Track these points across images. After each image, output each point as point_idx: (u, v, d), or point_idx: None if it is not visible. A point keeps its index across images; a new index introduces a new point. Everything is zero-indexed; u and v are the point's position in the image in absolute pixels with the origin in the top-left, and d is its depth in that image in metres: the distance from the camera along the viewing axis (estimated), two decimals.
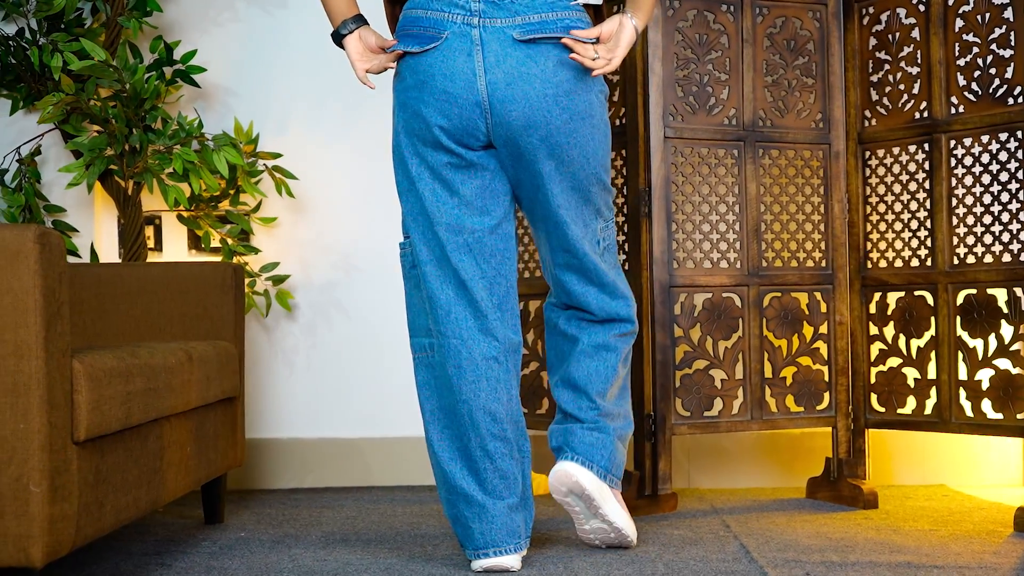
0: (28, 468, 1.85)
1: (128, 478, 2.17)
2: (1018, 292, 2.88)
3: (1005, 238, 2.92)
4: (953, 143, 3.02)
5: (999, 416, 2.91)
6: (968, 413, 2.98)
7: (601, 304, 2.57)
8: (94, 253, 3.47)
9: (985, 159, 2.97)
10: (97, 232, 3.58)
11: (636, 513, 2.99)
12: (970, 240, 2.99)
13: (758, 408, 3.13)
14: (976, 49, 2.97)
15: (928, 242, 3.07)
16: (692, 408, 3.07)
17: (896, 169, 3.15)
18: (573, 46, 2.35)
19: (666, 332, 3.04)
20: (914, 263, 3.10)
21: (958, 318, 3.00)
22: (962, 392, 2.99)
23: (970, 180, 3.00)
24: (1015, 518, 2.78)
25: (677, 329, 3.07)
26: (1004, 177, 2.93)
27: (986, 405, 2.94)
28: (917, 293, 3.09)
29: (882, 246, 3.18)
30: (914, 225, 3.11)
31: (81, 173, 3.31)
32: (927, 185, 3.07)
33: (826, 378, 3.21)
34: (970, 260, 2.99)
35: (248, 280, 3.52)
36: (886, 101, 3.16)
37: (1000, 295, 2.92)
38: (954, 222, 3.02)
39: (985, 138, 2.96)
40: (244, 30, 3.69)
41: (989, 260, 2.95)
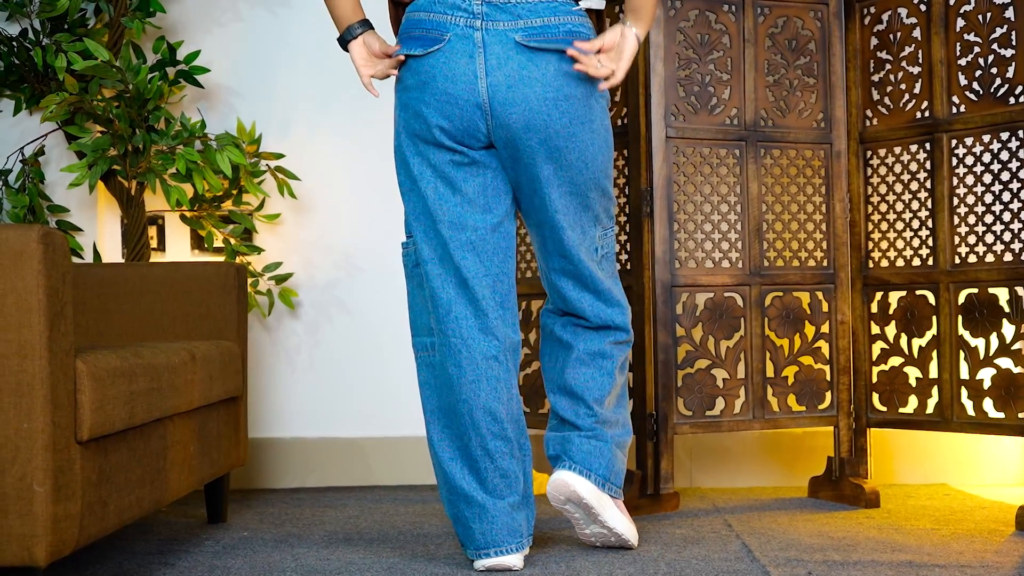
0: (32, 467, 1.85)
1: (131, 477, 2.17)
2: (1019, 291, 2.88)
3: (1006, 237, 2.92)
4: (954, 142, 3.02)
5: (1001, 415, 2.91)
6: (970, 412, 2.98)
7: (596, 311, 2.56)
8: (97, 253, 3.47)
9: (986, 158, 2.97)
10: (100, 232, 3.58)
11: (638, 512, 2.99)
12: (971, 239, 2.99)
13: (760, 407, 3.13)
14: (977, 49, 2.97)
15: (929, 241, 3.07)
16: (694, 407, 3.07)
17: (897, 168, 3.15)
18: (578, 57, 2.34)
19: (668, 332, 3.04)
20: (915, 262, 3.11)
21: (959, 317, 3.01)
22: (964, 391, 2.99)
23: (971, 179, 3.00)
24: (1017, 517, 2.78)
25: (679, 329, 3.07)
26: (1005, 176, 2.93)
27: (988, 404, 2.94)
28: (919, 292, 3.09)
29: (883, 245, 3.18)
30: (915, 224, 3.11)
31: (83, 173, 3.32)
32: (928, 184, 3.08)
33: (828, 377, 3.21)
34: (971, 259, 2.99)
35: (251, 280, 3.52)
36: (887, 101, 3.16)
37: (1001, 294, 2.92)
38: (955, 221, 3.02)
39: (986, 137, 2.96)
40: (247, 30, 3.69)
41: (990, 259, 2.95)
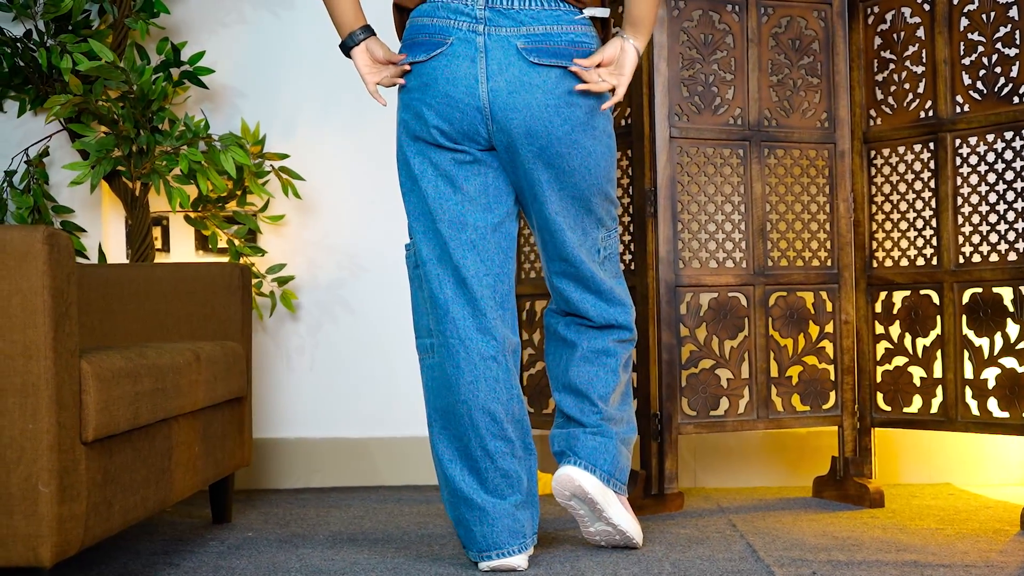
0: (37, 468, 1.85)
1: (136, 478, 2.18)
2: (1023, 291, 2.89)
3: (1011, 237, 2.92)
4: (958, 142, 3.02)
5: (1005, 415, 2.91)
6: (974, 412, 2.98)
7: (599, 311, 2.57)
8: (102, 254, 3.48)
9: (990, 158, 2.96)
10: (105, 233, 3.59)
11: (642, 512, 2.99)
12: (975, 239, 2.99)
13: (764, 407, 3.13)
14: (981, 48, 2.97)
15: (933, 241, 3.07)
16: (698, 407, 3.07)
17: (901, 168, 3.15)
18: (582, 75, 2.35)
19: (672, 332, 3.04)
20: (919, 262, 3.10)
21: (964, 317, 3.00)
22: (968, 391, 2.99)
23: (975, 179, 3.00)
24: (1021, 517, 2.78)
25: (683, 329, 3.07)
26: (1009, 176, 2.93)
27: (992, 404, 2.94)
28: (923, 292, 3.09)
29: (887, 245, 3.18)
30: (919, 224, 3.11)
31: (85, 172, 3.32)
32: (932, 184, 3.07)
33: (832, 377, 3.21)
34: (976, 259, 2.99)
35: (255, 281, 3.52)
36: (891, 100, 3.16)
37: (1006, 294, 2.92)
38: (959, 221, 3.02)
39: (990, 137, 2.96)
40: (251, 31, 3.69)
41: (995, 259, 2.95)
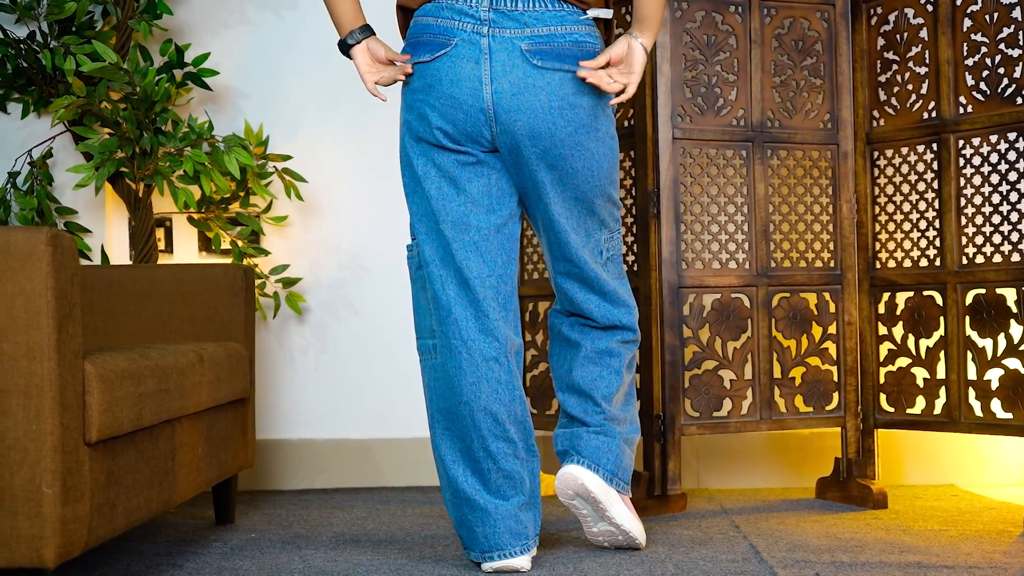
0: (41, 469, 1.85)
1: (140, 479, 2.18)
2: None
3: (1014, 238, 2.92)
4: (961, 143, 3.02)
5: (1008, 416, 2.91)
6: (977, 413, 2.98)
7: (603, 312, 2.57)
8: (105, 255, 3.48)
9: (994, 159, 2.96)
10: (108, 234, 3.59)
11: (645, 513, 2.99)
12: (979, 240, 2.99)
13: (767, 408, 3.14)
14: (984, 49, 2.97)
15: (937, 242, 3.07)
16: (701, 408, 3.07)
17: (904, 169, 3.15)
18: (589, 76, 2.35)
19: (675, 333, 3.04)
20: (923, 263, 3.10)
21: (967, 318, 3.00)
22: (971, 392, 2.99)
23: (979, 180, 3.00)
24: None
25: (686, 330, 3.08)
26: (1013, 177, 2.93)
27: (995, 405, 2.94)
28: (926, 293, 3.09)
29: (891, 246, 3.18)
30: (923, 225, 3.11)
31: (90, 174, 3.32)
32: (936, 185, 3.07)
33: (835, 378, 3.21)
34: (979, 260, 2.99)
35: (258, 282, 3.53)
36: (894, 101, 3.16)
37: (1009, 295, 2.92)
38: (963, 222, 3.02)
39: (994, 138, 2.96)
40: (254, 32, 3.70)
41: (998, 260, 2.95)
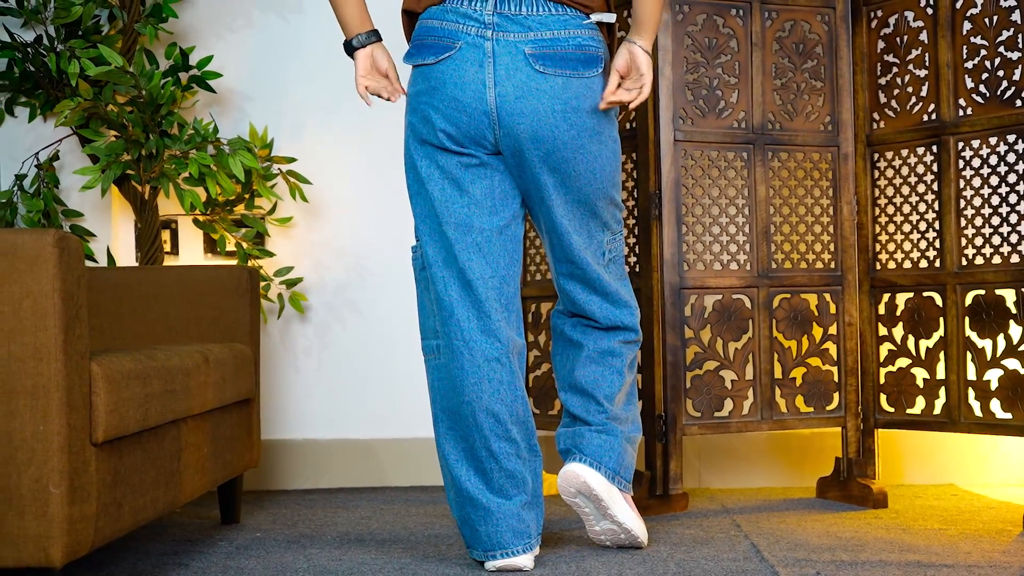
0: (48, 469, 1.86)
1: (146, 479, 2.19)
2: None
3: (1013, 239, 2.93)
4: (961, 145, 3.03)
5: (1008, 416, 2.92)
6: (977, 413, 2.98)
7: (605, 312, 2.59)
8: (111, 257, 3.49)
9: (993, 161, 2.97)
10: (114, 236, 3.60)
11: (647, 513, 3.01)
12: (978, 241, 3.00)
13: (768, 408, 3.15)
14: (984, 52, 2.98)
15: (936, 243, 3.08)
16: (703, 409, 3.09)
17: (904, 171, 3.16)
18: (609, 99, 2.41)
19: (677, 333, 3.06)
20: (923, 264, 3.11)
21: (967, 319, 3.01)
22: (971, 392, 3.00)
23: (978, 182, 3.01)
24: None
25: (688, 330, 3.09)
26: (1012, 179, 2.94)
27: (995, 405, 2.95)
28: (926, 294, 3.10)
29: (891, 247, 3.19)
30: (922, 227, 3.12)
31: (96, 177, 3.34)
32: (935, 187, 3.08)
33: (836, 378, 3.22)
34: (978, 261, 3.00)
35: (263, 284, 3.54)
36: (894, 104, 3.17)
37: (1009, 296, 2.93)
38: (962, 223, 3.03)
39: (993, 140, 2.97)
40: (259, 36, 3.71)
41: (997, 261, 2.96)
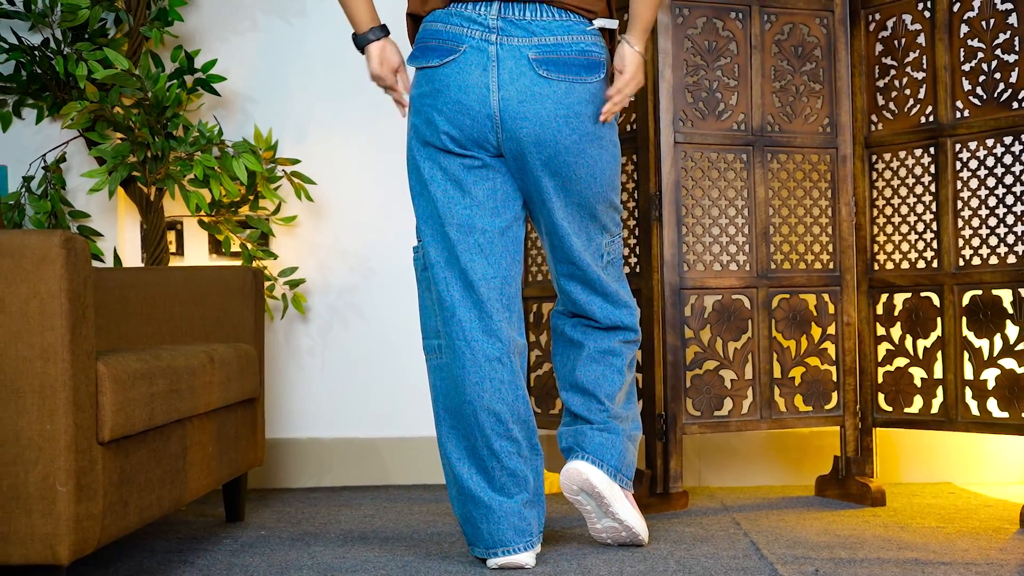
0: (54, 468, 1.87)
1: (152, 478, 2.19)
2: (1023, 293, 2.90)
3: (1010, 240, 2.95)
4: (958, 147, 3.04)
5: (1005, 415, 2.93)
6: (974, 412, 3.00)
7: (605, 312, 2.61)
8: (117, 258, 3.50)
9: (990, 162, 2.99)
10: (120, 237, 3.62)
11: (648, 511, 3.02)
12: (975, 242, 3.01)
13: (767, 408, 3.16)
14: (981, 54, 2.99)
15: (934, 244, 3.09)
16: (703, 408, 3.10)
17: (902, 172, 3.17)
18: (611, 108, 2.45)
19: (677, 333, 3.07)
20: (920, 265, 3.13)
21: (964, 319, 3.03)
22: (968, 391, 3.01)
23: (975, 183, 3.02)
24: (1021, 515, 2.80)
25: (687, 330, 3.10)
26: (1009, 180, 2.95)
27: (992, 404, 2.96)
28: (923, 294, 3.11)
29: (889, 248, 3.20)
30: (920, 227, 3.13)
31: (103, 179, 3.35)
32: (933, 188, 3.10)
33: (834, 378, 3.23)
34: (975, 262, 3.01)
35: (267, 284, 3.55)
36: (892, 106, 3.18)
37: (1005, 296, 2.94)
38: (959, 224, 3.04)
39: (990, 142, 2.98)
40: (263, 39, 3.72)
41: (994, 262, 2.97)
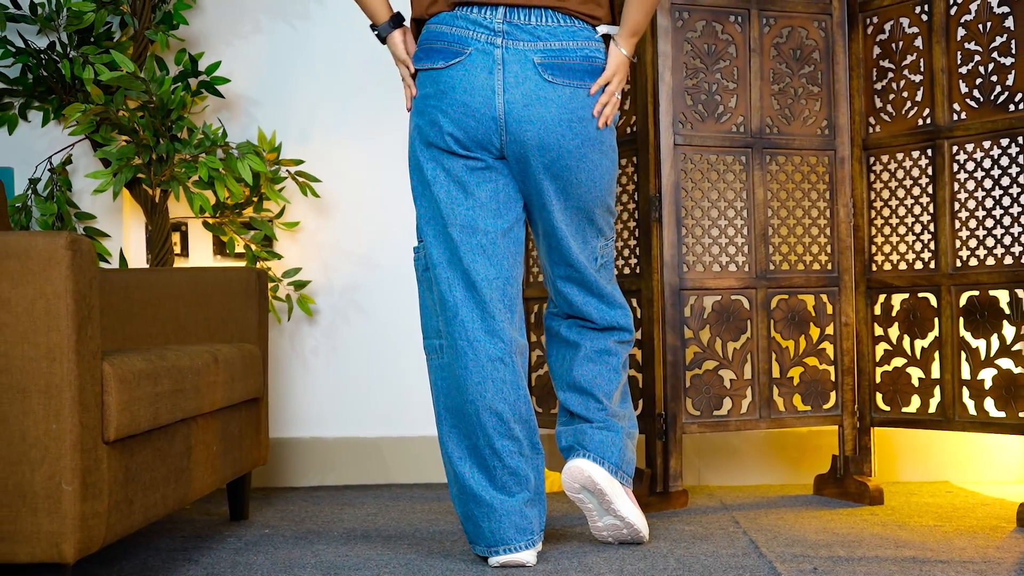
0: (60, 467, 1.87)
1: (156, 477, 2.20)
2: (1019, 293, 2.91)
3: (1007, 241, 2.96)
4: (955, 148, 3.05)
5: (1001, 414, 2.94)
6: (971, 411, 3.01)
7: (601, 313, 2.63)
8: (123, 259, 3.52)
9: (987, 164, 3.00)
10: (126, 238, 3.64)
11: (648, 510, 3.03)
12: (972, 243, 3.03)
13: (766, 407, 3.18)
14: (978, 57, 3.01)
15: (931, 245, 3.11)
16: (702, 407, 3.11)
17: (900, 174, 3.18)
18: (606, 116, 2.47)
19: (676, 334, 3.09)
20: (918, 266, 3.14)
21: (961, 319, 3.04)
22: (965, 391, 3.02)
23: (972, 184, 3.03)
24: (1018, 514, 2.81)
25: (687, 331, 3.11)
26: (1005, 181, 2.97)
27: (989, 404, 2.97)
28: (921, 295, 3.13)
29: (886, 249, 3.22)
30: (918, 229, 3.14)
31: (108, 180, 3.37)
32: (930, 190, 3.11)
33: (832, 378, 3.24)
34: (972, 262, 3.02)
35: (271, 285, 3.57)
36: (890, 108, 3.20)
37: (1002, 296, 2.95)
38: (957, 225, 3.06)
39: (987, 143, 2.99)
40: (267, 42, 3.74)
41: (991, 262, 2.98)
